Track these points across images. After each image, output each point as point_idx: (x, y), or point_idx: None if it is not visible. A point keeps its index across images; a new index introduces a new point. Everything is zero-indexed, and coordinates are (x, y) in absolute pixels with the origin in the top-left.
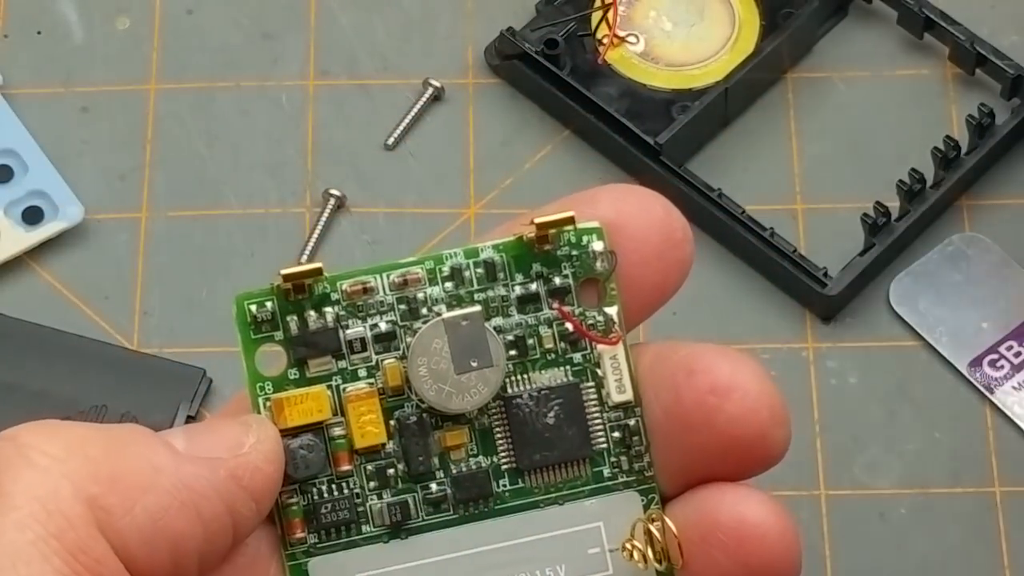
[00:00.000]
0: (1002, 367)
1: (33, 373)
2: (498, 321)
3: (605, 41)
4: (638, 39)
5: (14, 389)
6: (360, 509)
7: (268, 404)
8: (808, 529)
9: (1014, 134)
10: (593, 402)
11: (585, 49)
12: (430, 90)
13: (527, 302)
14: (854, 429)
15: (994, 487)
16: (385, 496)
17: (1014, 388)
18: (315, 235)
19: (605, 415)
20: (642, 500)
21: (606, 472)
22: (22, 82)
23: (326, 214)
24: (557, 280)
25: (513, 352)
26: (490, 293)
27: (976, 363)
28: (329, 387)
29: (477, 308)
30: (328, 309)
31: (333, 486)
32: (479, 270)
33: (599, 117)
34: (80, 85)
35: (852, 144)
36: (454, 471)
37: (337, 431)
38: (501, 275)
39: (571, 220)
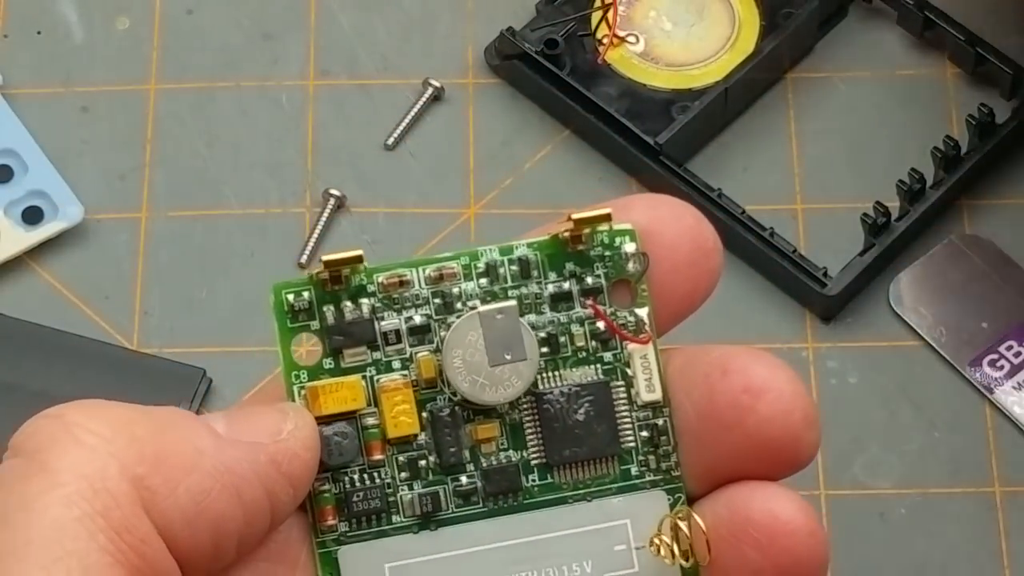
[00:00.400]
0: (1002, 367)
1: (33, 373)
2: (531, 318)
3: (605, 41)
4: (638, 39)
5: (14, 389)
6: (391, 499)
7: (303, 392)
8: None
9: (1014, 134)
10: (622, 401)
11: (585, 49)
12: (430, 90)
13: (560, 300)
14: (854, 429)
15: (994, 487)
16: (416, 487)
17: (1014, 388)
18: (315, 235)
19: (634, 414)
20: (669, 499)
21: (634, 470)
22: (22, 82)
23: (326, 214)
24: (589, 280)
25: (545, 349)
26: (523, 290)
27: (976, 363)
28: (363, 377)
29: (512, 302)
30: (364, 301)
31: (365, 475)
32: (513, 267)
33: (599, 117)
34: (80, 85)
35: (852, 144)
36: (484, 464)
37: (370, 420)
38: (535, 273)
39: (608, 217)
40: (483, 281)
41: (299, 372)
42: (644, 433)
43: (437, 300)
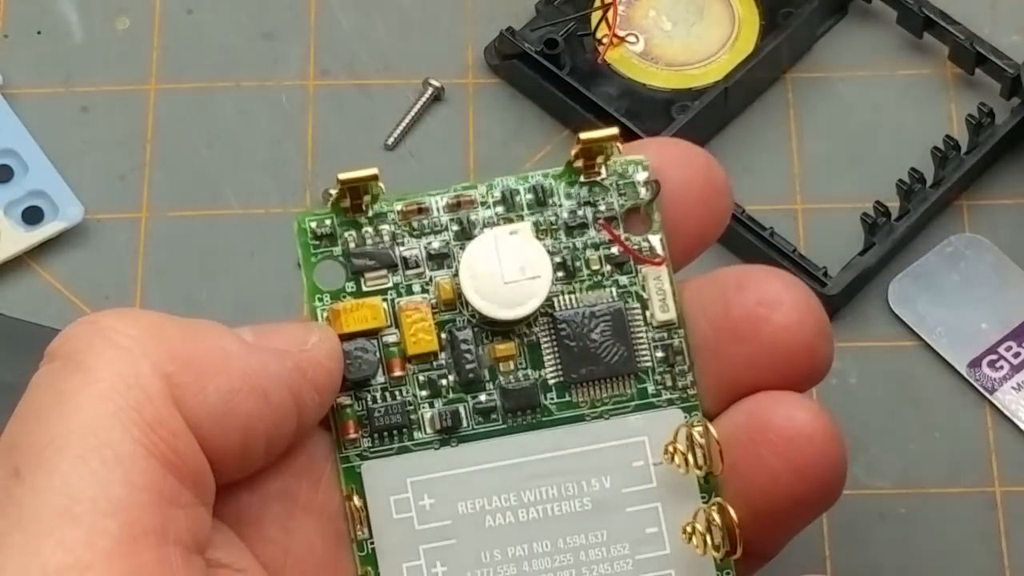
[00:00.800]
0: (1001, 367)
1: (33, 373)
2: (547, 243)
3: (605, 41)
4: (638, 39)
5: (14, 389)
6: (412, 416)
7: (326, 315)
8: (808, 529)
9: (1014, 134)
10: (638, 322)
11: (585, 49)
12: (430, 90)
13: (575, 226)
14: (854, 429)
15: (994, 487)
16: (436, 404)
17: (1013, 389)
18: None
19: (649, 334)
20: (685, 417)
21: (650, 389)
22: (22, 82)
23: None
24: (603, 206)
25: (561, 274)
26: (539, 217)
27: (975, 364)
28: (384, 299)
29: (526, 223)
30: (384, 227)
31: (387, 392)
32: (529, 195)
33: (599, 117)
34: (80, 85)
35: (852, 144)
36: (503, 382)
37: (391, 339)
38: (550, 200)
39: (616, 137)
40: (499, 208)
41: (322, 296)
42: (660, 353)
43: (455, 226)
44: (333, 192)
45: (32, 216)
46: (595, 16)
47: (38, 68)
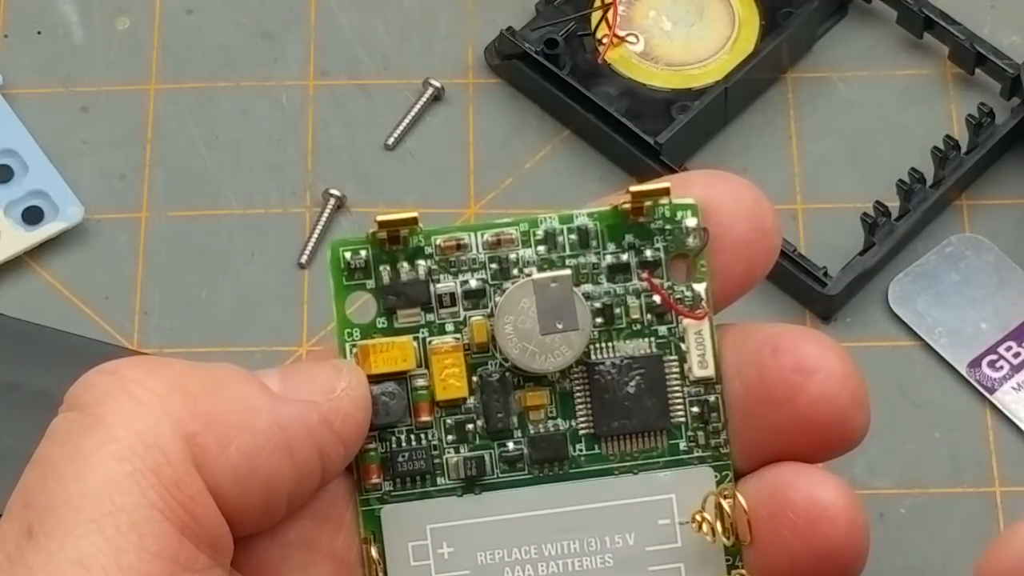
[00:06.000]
0: (1001, 367)
1: (33, 373)
2: (587, 288)
3: (605, 41)
4: (638, 39)
5: (14, 389)
6: (436, 461)
7: (354, 350)
8: None
9: (1014, 134)
10: (675, 375)
11: (585, 49)
12: (430, 90)
13: (617, 271)
14: None
15: (994, 487)
16: (462, 450)
17: (1013, 388)
18: (315, 235)
19: (685, 389)
20: (716, 476)
21: (682, 445)
22: (22, 82)
23: (326, 214)
24: (648, 252)
25: (599, 320)
26: (581, 259)
27: (975, 364)
28: (415, 339)
29: (567, 271)
30: (421, 262)
31: (412, 436)
32: (572, 236)
33: (599, 117)
34: (80, 85)
35: (852, 144)
36: (532, 431)
37: (420, 382)
38: (594, 243)
39: (666, 191)
40: (541, 248)
41: (352, 330)
42: (695, 409)
43: (494, 265)
44: (371, 230)
45: (32, 216)
46: (595, 16)
47: (38, 68)
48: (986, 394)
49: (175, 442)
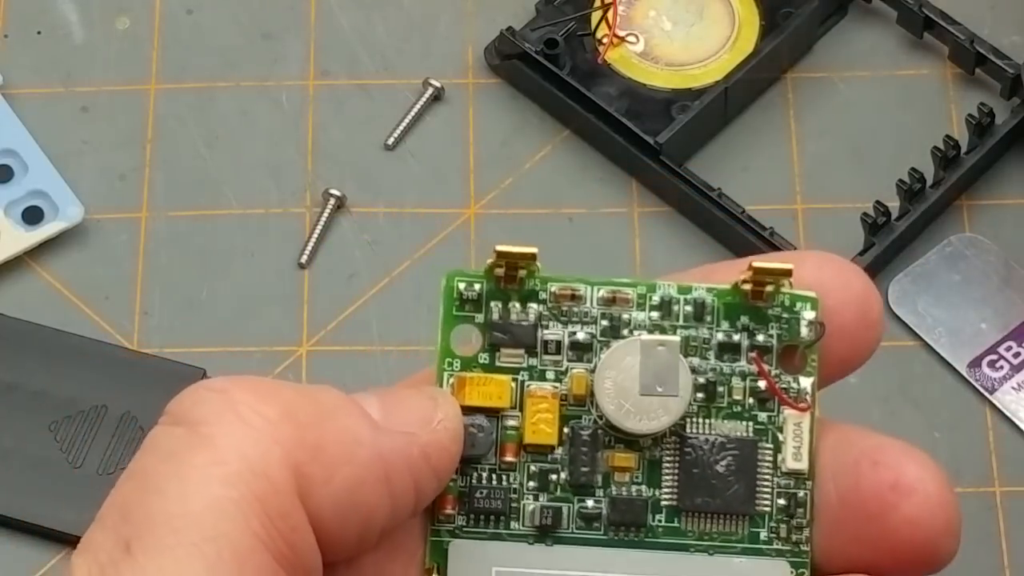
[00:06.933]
0: (1001, 368)
1: (33, 373)
2: (694, 360)
3: (605, 41)
4: (638, 39)
5: (14, 389)
6: (514, 504)
7: (451, 381)
8: None
9: (1014, 134)
10: (767, 464)
11: (585, 49)
12: (430, 90)
13: (726, 350)
14: None
15: (994, 487)
16: (541, 498)
17: (1013, 389)
18: (315, 235)
19: (776, 479)
20: (792, 573)
21: (763, 535)
22: (22, 82)
23: (326, 214)
24: (761, 337)
25: (701, 395)
26: (693, 332)
27: (975, 364)
28: (514, 379)
29: (677, 338)
30: (533, 305)
31: (494, 474)
32: (688, 307)
33: (599, 117)
34: (80, 85)
35: (852, 144)
36: (614, 492)
37: (511, 422)
38: (708, 318)
39: (789, 272)
40: (654, 314)
41: (453, 360)
42: (781, 500)
43: (605, 322)
44: (489, 261)
45: (32, 216)
46: (595, 16)
47: (38, 68)
48: (986, 394)
49: (283, 471)
